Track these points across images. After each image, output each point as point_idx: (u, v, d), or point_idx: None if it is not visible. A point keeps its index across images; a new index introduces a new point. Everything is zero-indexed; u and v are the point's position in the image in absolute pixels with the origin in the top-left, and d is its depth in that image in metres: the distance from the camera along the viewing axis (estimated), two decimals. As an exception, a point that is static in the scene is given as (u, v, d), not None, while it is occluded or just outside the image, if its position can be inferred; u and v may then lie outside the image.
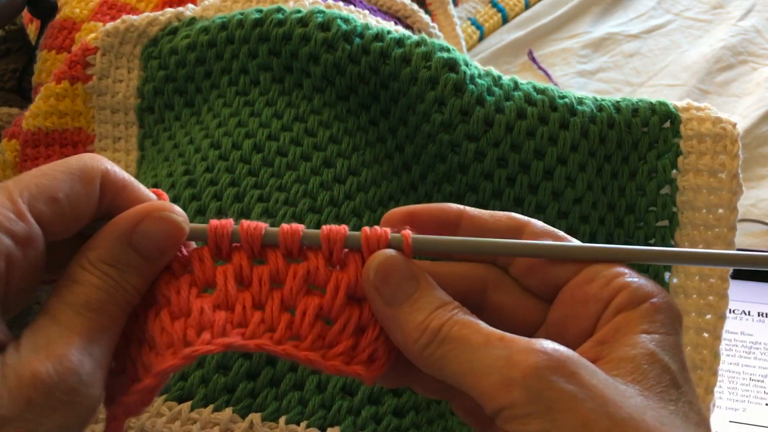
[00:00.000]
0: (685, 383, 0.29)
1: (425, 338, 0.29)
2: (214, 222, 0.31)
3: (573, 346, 0.29)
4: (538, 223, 0.33)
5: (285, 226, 0.31)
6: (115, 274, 0.30)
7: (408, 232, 0.31)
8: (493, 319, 0.31)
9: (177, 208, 0.31)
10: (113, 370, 0.31)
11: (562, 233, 0.33)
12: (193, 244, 0.33)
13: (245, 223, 0.31)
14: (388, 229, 0.31)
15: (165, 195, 0.33)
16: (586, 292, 0.31)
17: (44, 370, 0.26)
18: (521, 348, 0.27)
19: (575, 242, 0.33)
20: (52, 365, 0.27)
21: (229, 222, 0.31)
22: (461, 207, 0.33)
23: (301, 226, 0.31)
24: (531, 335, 0.31)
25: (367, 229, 0.31)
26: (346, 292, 0.31)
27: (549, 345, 0.27)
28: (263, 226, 0.31)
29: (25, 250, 0.28)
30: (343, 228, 0.31)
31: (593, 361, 0.28)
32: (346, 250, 0.32)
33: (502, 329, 0.30)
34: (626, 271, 0.31)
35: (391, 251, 0.31)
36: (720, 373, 0.48)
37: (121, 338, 0.31)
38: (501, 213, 0.33)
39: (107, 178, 0.31)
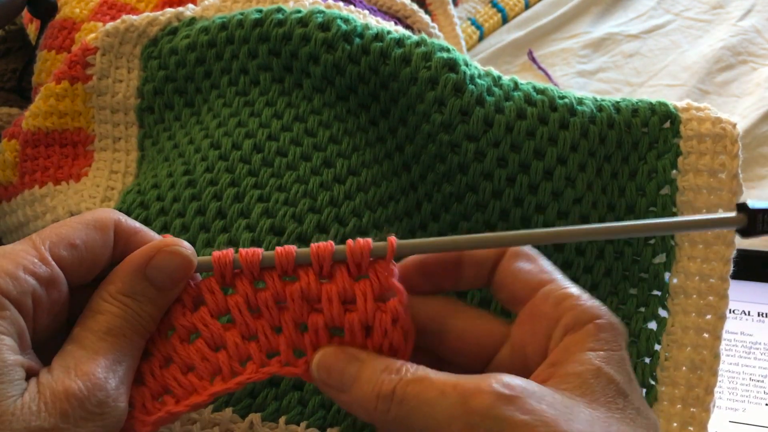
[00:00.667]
0: (632, 392, 0.32)
1: (381, 404, 0.32)
2: (216, 253, 0.35)
3: (531, 363, 0.33)
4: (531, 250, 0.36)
5: (279, 249, 0.34)
6: (132, 304, 0.34)
7: (393, 238, 0.34)
8: (455, 343, 0.35)
9: (185, 243, 0.35)
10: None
11: (536, 254, 0.36)
12: (198, 276, 0.36)
13: (243, 251, 0.35)
14: (369, 240, 0.34)
15: (171, 237, 0.37)
16: (540, 310, 0.34)
17: (75, 386, 0.30)
18: (474, 391, 0.30)
19: (546, 264, 0.36)
20: (82, 382, 0.31)
21: (230, 252, 0.35)
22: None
23: (293, 248, 0.34)
24: (494, 352, 0.36)
25: (351, 241, 0.34)
26: (339, 300, 0.34)
27: (498, 381, 0.30)
28: (260, 251, 0.35)
29: (49, 290, 0.32)
30: (330, 244, 0.34)
31: (545, 381, 0.31)
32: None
33: (465, 352, 0.36)
34: (576, 293, 0.34)
35: (324, 349, 0.34)
36: (720, 373, 0.48)
37: (143, 355, 0.35)
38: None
39: (120, 226, 0.35)
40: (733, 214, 0.33)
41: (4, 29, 0.79)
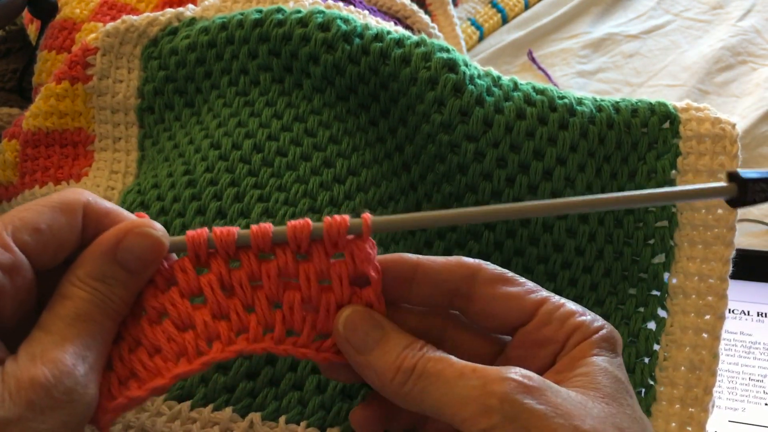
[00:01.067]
0: (633, 394, 0.33)
1: (400, 376, 0.32)
2: (190, 232, 0.34)
3: None
4: (490, 266, 0.36)
5: (254, 227, 0.34)
6: (102, 288, 0.32)
7: (367, 214, 0.34)
8: (451, 353, 0.34)
9: (156, 224, 0.34)
10: None
11: (512, 274, 0.36)
12: (174, 257, 0.35)
13: (217, 229, 0.34)
14: (347, 216, 0.33)
15: (146, 216, 0.35)
16: (543, 335, 0.34)
17: (41, 373, 0.29)
18: (494, 377, 0.30)
19: (528, 283, 0.36)
20: (49, 369, 0.29)
21: (204, 231, 0.34)
22: (416, 259, 0.36)
23: (269, 225, 0.34)
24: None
25: (328, 218, 0.33)
26: (317, 278, 0.34)
27: (518, 371, 0.31)
28: (235, 230, 0.34)
29: (12, 277, 0.31)
30: (307, 221, 0.34)
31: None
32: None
33: None
34: (576, 309, 0.35)
35: (355, 306, 0.34)
36: (719, 373, 0.48)
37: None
38: (452, 260, 0.36)
39: (89, 208, 0.34)
40: (723, 183, 0.33)
41: (5, 29, 0.79)
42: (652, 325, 0.49)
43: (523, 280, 0.36)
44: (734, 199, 0.32)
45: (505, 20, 0.99)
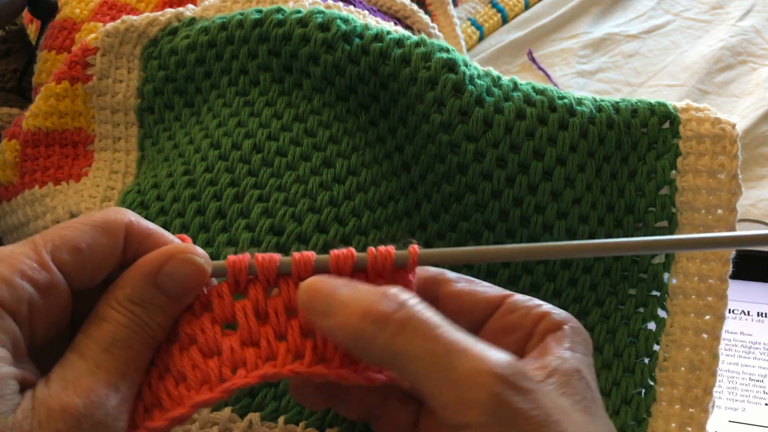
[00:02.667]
0: (599, 398, 0.32)
1: (372, 323, 0.29)
2: (231, 258, 0.33)
3: None
4: (451, 272, 0.36)
5: (296, 255, 0.33)
6: (140, 313, 0.31)
7: (415, 247, 0.32)
8: None
9: (199, 250, 0.33)
10: None
11: (472, 278, 0.36)
12: (214, 281, 0.34)
13: (259, 256, 0.33)
14: (392, 248, 0.32)
15: (189, 239, 0.34)
16: (510, 321, 0.34)
17: (73, 403, 0.28)
18: (485, 368, 0.28)
19: (492, 286, 0.36)
20: (81, 399, 0.28)
21: (246, 256, 0.33)
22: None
23: (312, 254, 0.33)
24: None
25: (372, 250, 0.33)
26: None
27: (510, 364, 0.29)
28: (277, 257, 0.33)
29: (47, 297, 0.30)
30: (351, 251, 0.33)
31: None
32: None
33: None
34: (543, 303, 0.34)
35: (316, 276, 0.32)
36: (719, 373, 0.48)
37: None
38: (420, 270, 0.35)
39: (131, 229, 0.33)
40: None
41: (5, 29, 0.79)
42: (652, 326, 0.49)
43: (485, 283, 0.36)
44: None
45: (505, 20, 0.99)
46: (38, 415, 0.28)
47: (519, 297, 0.35)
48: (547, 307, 0.34)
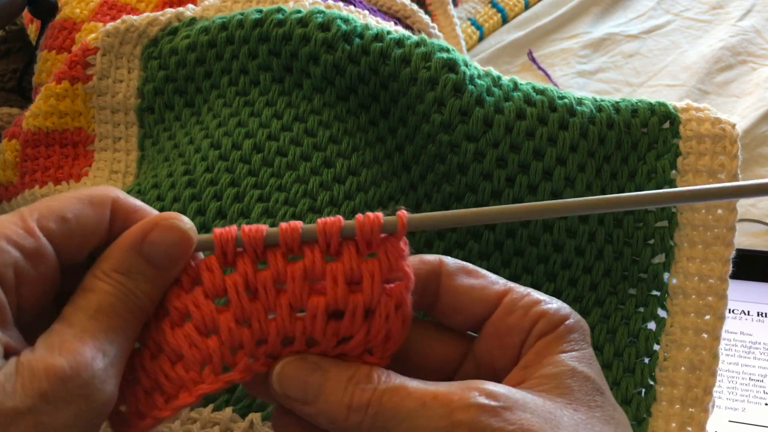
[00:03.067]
0: (606, 388, 0.32)
1: (354, 415, 0.30)
2: (218, 230, 0.32)
3: (502, 374, 0.33)
4: (450, 259, 0.35)
5: (283, 224, 0.32)
6: (126, 282, 0.31)
7: (403, 212, 0.32)
8: (416, 360, 0.34)
9: (184, 218, 0.32)
10: (124, 377, 0.32)
11: (473, 267, 0.35)
12: (201, 256, 0.33)
13: (246, 227, 0.32)
14: (380, 213, 0.32)
15: (171, 212, 0.34)
16: (508, 324, 0.33)
17: (58, 364, 0.27)
18: (459, 404, 0.29)
19: (490, 275, 0.35)
20: (66, 360, 0.28)
21: (233, 228, 0.32)
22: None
23: (299, 223, 0.32)
24: (457, 367, 0.35)
25: (360, 216, 0.32)
26: (345, 279, 0.32)
27: (482, 390, 0.29)
28: (264, 227, 0.32)
29: (35, 263, 0.30)
30: (338, 218, 0.32)
31: (519, 383, 0.31)
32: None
33: (426, 370, 0.34)
34: (542, 298, 0.33)
35: (285, 359, 0.32)
36: (719, 372, 0.48)
37: (135, 350, 0.32)
38: (413, 259, 0.34)
39: (118, 204, 0.33)
40: None
41: (5, 29, 0.79)
42: (652, 326, 0.49)
43: (485, 272, 0.35)
44: None
45: (505, 20, 0.99)
46: (21, 376, 0.27)
47: (517, 294, 0.34)
48: (544, 305, 0.33)
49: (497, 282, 0.35)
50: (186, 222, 0.32)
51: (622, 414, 0.32)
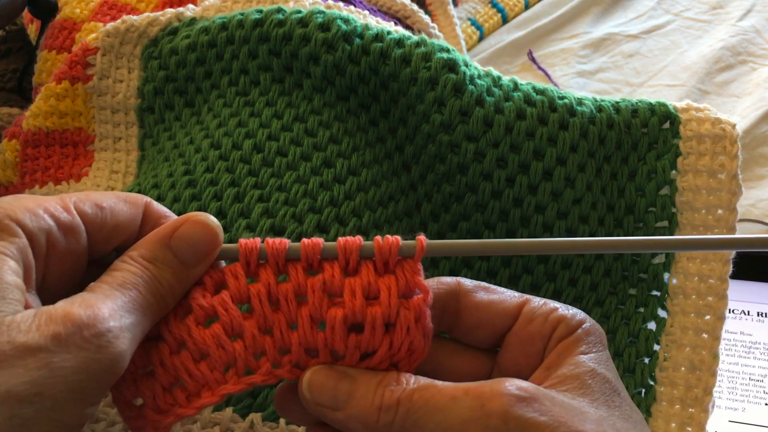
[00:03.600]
0: (622, 389, 0.33)
1: (385, 415, 0.31)
2: (243, 240, 0.34)
3: (526, 379, 0.33)
4: (467, 279, 0.36)
5: (306, 240, 0.34)
6: (152, 268, 0.33)
7: (422, 237, 0.33)
8: (443, 377, 0.34)
9: (213, 217, 0.34)
10: (135, 371, 0.34)
11: (487, 284, 0.36)
12: (223, 263, 0.35)
13: (270, 240, 0.34)
14: (398, 237, 0.33)
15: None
16: (529, 332, 0.34)
17: (76, 311, 0.28)
18: (490, 395, 0.30)
19: (505, 290, 0.36)
20: (84, 310, 0.29)
21: (257, 240, 0.34)
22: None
23: (320, 240, 0.34)
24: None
25: (379, 238, 0.33)
26: (363, 293, 0.33)
27: (512, 383, 0.30)
28: (286, 242, 0.34)
29: (67, 237, 0.32)
30: (358, 239, 0.33)
31: (541, 383, 0.32)
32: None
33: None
34: (558, 305, 0.35)
35: (314, 367, 0.33)
36: (719, 372, 0.48)
37: (149, 342, 0.34)
38: (431, 281, 0.36)
39: (150, 208, 0.35)
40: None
41: (5, 29, 0.79)
42: (652, 326, 0.49)
43: (501, 288, 0.36)
44: None
45: (505, 20, 0.99)
46: (38, 318, 0.28)
47: (535, 303, 0.35)
48: (561, 311, 0.34)
49: (514, 295, 0.36)
50: (214, 220, 0.34)
51: (639, 414, 0.33)
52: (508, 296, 0.36)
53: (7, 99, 0.74)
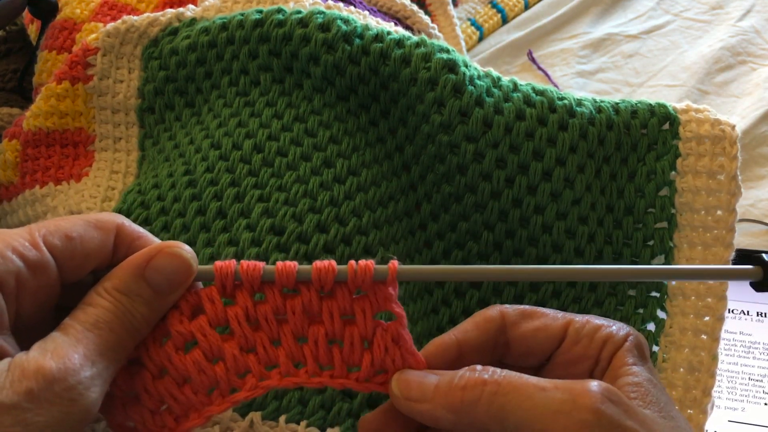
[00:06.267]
0: (671, 399, 0.33)
1: (471, 393, 0.32)
2: (218, 263, 0.34)
3: None
4: (510, 307, 0.37)
5: (279, 264, 0.34)
6: (125, 301, 0.33)
7: (395, 262, 0.34)
8: None
9: (187, 247, 0.34)
10: (123, 396, 0.34)
11: (530, 308, 0.37)
12: (199, 285, 0.35)
13: (245, 263, 0.34)
14: (372, 263, 0.34)
15: (176, 241, 0.36)
16: (576, 353, 0.35)
17: (48, 365, 0.29)
18: (581, 390, 0.30)
19: (547, 311, 0.37)
20: (55, 363, 0.29)
21: (232, 263, 0.34)
22: (455, 338, 0.36)
23: (294, 264, 0.34)
24: None
25: (353, 264, 0.34)
26: (339, 314, 0.34)
27: (599, 385, 0.31)
28: (261, 265, 0.34)
29: (36, 275, 0.32)
30: (332, 264, 0.34)
31: None
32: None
33: None
34: (601, 323, 0.36)
35: (401, 370, 0.35)
36: (719, 372, 0.48)
37: (132, 367, 0.34)
38: (479, 320, 0.37)
39: (122, 230, 0.35)
40: (749, 267, 0.34)
41: (5, 30, 0.79)
42: (651, 327, 0.49)
43: (542, 310, 0.37)
44: (760, 282, 0.34)
45: (505, 20, 0.99)
46: (12, 374, 0.28)
47: (578, 323, 0.36)
48: (606, 330, 0.35)
49: (556, 317, 0.36)
50: (188, 251, 0.34)
51: (687, 423, 0.33)
52: (551, 319, 0.36)
53: (7, 99, 0.73)
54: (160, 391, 0.34)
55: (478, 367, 0.33)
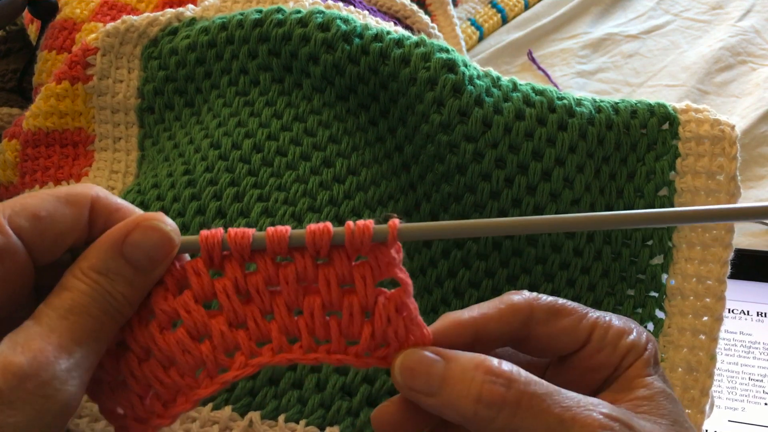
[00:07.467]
0: (683, 409, 0.33)
1: (486, 411, 0.29)
2: (204, 232, 0.31)
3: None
4: (541, 299, 0.34)
5: (270, 229, 0.31)
6: (104, 282, 0.30)
7: (395, 221, 0.31)
8: None
9: (167, 219, 0.31)
10: (111, 380, 0.32)
11: (562, 302, 0.34)
12: (187, 257, 0.32)
13: (232, 230, 0.31)
14: (371, 222, 0.31)
15: (156, 212, 0.33)
16: (598, 361, 0.33)
17: (17, 362, 0.26)
18: (596, 425, 0.29)
19: (579, 309, 0.35)
20: (26, 358, 0.27)
21: (218, 231, 0.31)
22: (472, 319, 0.33)
23: (287, 228, 0.31)
24: None
25: (350, 224, 0.31)
26: (338, 282, 0.31)
27: (612, 409, 0.30)
28: (250, 232, 0.31)
29: (3, 261, 0.29)
30: (327, 226, 0.31)
31: (615, 403, 0.31)
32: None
33: None
34: (623, 326, 0.34)
35: (405, 351, 0.31)
36: (719, 372, 0.48)
37: (119, 349, 0.32)
38: (504, 308, 0.34)
39: (98, 203, 0.32)
40: (764, 204, 0.31)
41: (5, 30, 0.79)
42: (650, 327, 0.49)
43: (572, 306, 0.34)
44: None
45: (504, 20, 0.99)
46: None
47: (602, 327, 0.34)
48: (629, 336, 0.33)
49: (584, 317, 0.34)
50: (168, 223, 0.31)
51: (694, 429, 0.33)
52: (577, 320, 0.34)
53: (7, 99, 0.73)
54: (147, 375, 0.31)
55: (495, 362, 0.30)
